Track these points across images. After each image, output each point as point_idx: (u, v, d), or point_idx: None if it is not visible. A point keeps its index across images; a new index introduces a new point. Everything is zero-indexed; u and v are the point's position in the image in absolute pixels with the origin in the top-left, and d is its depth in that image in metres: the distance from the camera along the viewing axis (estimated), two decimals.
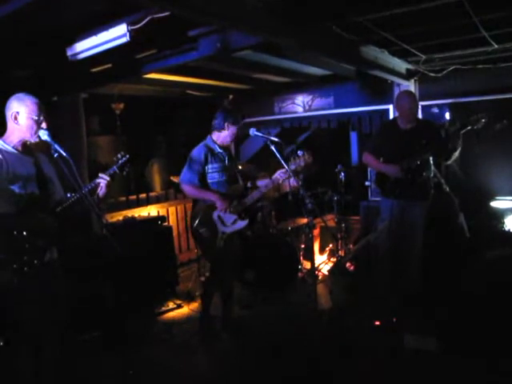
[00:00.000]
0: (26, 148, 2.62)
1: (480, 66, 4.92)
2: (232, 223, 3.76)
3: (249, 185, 3.96)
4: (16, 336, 2.57)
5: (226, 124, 3.74)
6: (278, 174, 3.78)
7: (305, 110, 6.45)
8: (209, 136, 3.86)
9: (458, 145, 3.92)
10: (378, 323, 3.82)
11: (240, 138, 7.16)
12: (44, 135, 2.54)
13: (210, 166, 3.74)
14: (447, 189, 4.69)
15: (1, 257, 2.37)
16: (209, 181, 3.76)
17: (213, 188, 3.76)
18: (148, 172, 6.81)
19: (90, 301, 3.97)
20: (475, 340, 3.28)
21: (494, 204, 4.87)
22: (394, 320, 3.81)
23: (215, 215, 3.72)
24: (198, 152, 3.76)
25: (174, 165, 3.99)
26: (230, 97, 7.03)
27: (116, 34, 3.16)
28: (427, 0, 3.13)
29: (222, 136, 3.81)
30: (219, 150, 3.82)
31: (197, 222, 3.72)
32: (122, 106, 6.03)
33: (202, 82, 5.72)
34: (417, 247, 4.20)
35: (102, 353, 3.60)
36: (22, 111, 2.53)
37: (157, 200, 6.14)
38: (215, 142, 3.82)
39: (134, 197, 5.91)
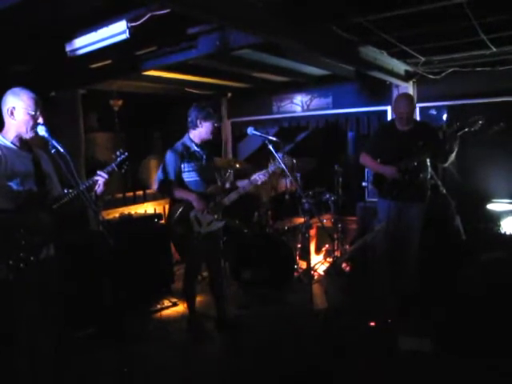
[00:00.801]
0: (23, 144, 2.60)
1: (479, 69, 4.93)
2: (208, 224, 3.73)
3: (228, 185, 3.94)
4: (12, 333, 2.56)
5: (198, 121, 3.70)
6: (257, 176, 3.76)
7: (303, 110, 6.45)
8: (186, 134, 3.82)
9: (455, 146, 3.93)
10: (373, 324, 3.83)
11: (238, 137, 7.17)
12: (42, 131, 2.52)
13: (185, 164, 3.70)
14: (444, 191, 4.70)
15: None
16: (185, 180, 3.72)
17: (190, 187, 3.72)
18: (144, 169, 6.79)
19: (86, 298, 3.96)
20: (471, 341, 3.29)
21: (490, 206, 4.88)
22: (390, 321, 3.82)
23: (192, 215, 3.68)
24: (173, 151, 3.71)
25: None
26: (229, 95, 7.04)
27: (116, 31, 3.15)
28: (427, 2, 3.13)
29: (198, 134, 3.76)
30: (196, 149, 3.77)
31: (173, 220, 3.69)
32: (120, 102, 6.02)
33: (201, 79, 5.71)
34: (413, 249, 4.21)
35: (98, 350, 3.59)
36: (18, 106, 2.51)
37: (153, 197, 6.13)
38: (192, 141, 3.78)
39: (130, 194, 5.90)
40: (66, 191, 2.64)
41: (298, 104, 6.48)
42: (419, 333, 3.56)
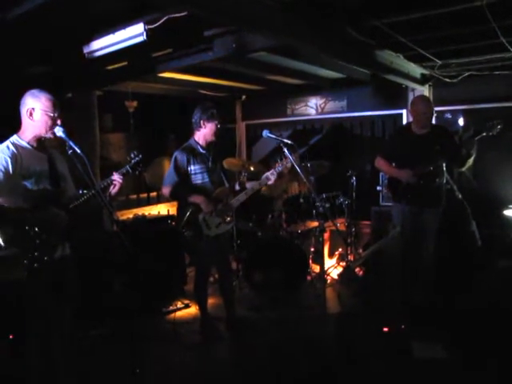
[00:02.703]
0: (40, 144, 2.63)
1: (496, 73, 4.87)
2: (216, 226, 3.73)
3: (237, 187, 3.92)
4: (27, 332, 2.58)
5: (201, 121, 3.70)
6: (265, 176, 3.76)
7: (317, 113, 6.44)
8: (192, 137, 3.83)
9: (473, 152, 3.88)
10: (386, 329, 3.79)
11: (252, 139, 7.17)
12: (59, 132, 2.55)
13: (192, 167, 3.70)
14: (460, 196, 4.64)
15: (11, 252, 2.39)
16: (194, 182, 3.72)
17: (198, 189, 3.70)
18: (158, 170, 6.81)
19: (99, 297, 3.99)
20: (485, 347, 3.24)
21: (507, 212, 4.81)
22: (403, 327, 3.78)
23: (200, 218, 3.67)
24: (179, 154, 3.71)
25: None
26: (243, 97, 7.05)
27: (133, 33, 3.18)
28: (445, 5, 3.10)
29: (202, 135, 3.76)
30: (202, 151, 3.77)
31: (182, 223, 3.67)
32: (135, 103, 6.06)
33: (216, 82, 5.73)
34: (428, 254, 4.15)
35: (109, 350, 3.61)
36: (37, 107, 2.54)
37: (167, 199, 6.15)
38: (198, 143, 3.78)
39: (144, 195, 5.93)
40: (81, 191, 2.66)
41: (313, 107, 6.47)
42: (433, 339, 3.51)
